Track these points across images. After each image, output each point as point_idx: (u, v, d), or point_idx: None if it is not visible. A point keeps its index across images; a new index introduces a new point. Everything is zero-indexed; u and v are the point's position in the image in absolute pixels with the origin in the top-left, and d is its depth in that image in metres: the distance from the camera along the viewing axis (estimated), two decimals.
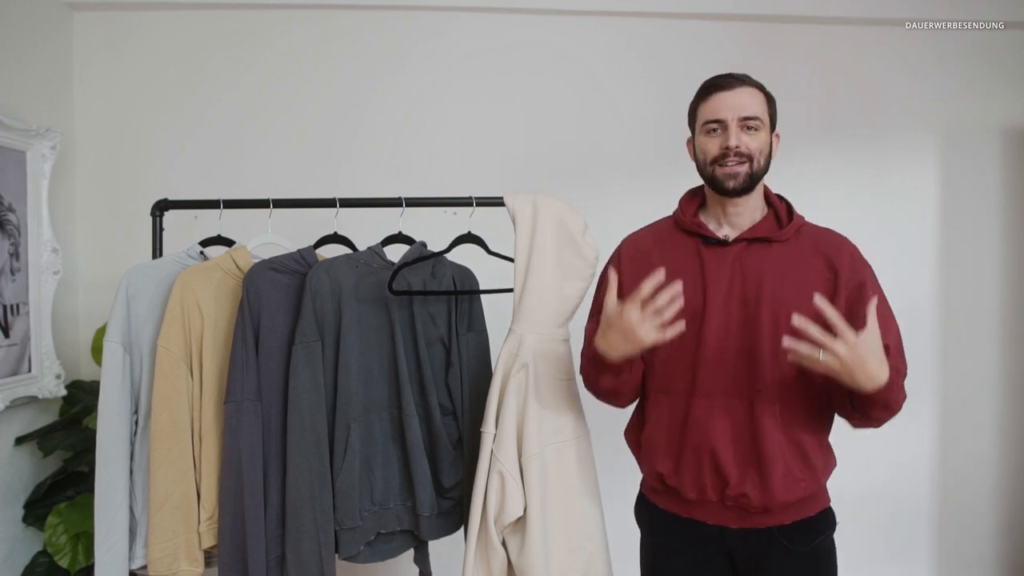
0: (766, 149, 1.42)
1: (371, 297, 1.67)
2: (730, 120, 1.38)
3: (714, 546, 1.45)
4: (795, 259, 1.41)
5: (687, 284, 1.41)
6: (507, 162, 2.55)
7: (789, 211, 1.47)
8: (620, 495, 1.70)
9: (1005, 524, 2.72)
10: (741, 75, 1.42)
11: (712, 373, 1.40)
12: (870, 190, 2.64)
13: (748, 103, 1.39)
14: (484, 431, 1.61)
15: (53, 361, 2.27)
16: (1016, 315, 2.70)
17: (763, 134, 1.41)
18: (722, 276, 1.41)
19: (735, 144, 1.38)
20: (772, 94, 1.45)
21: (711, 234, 1.44)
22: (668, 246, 1.49)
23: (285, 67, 2.52)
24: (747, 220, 1.45)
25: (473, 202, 1.76)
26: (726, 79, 1.41)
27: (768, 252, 1.42)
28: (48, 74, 2.36)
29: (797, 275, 1.39)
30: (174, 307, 1.60)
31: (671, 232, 1.52)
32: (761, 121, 1.40)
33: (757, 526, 1.41)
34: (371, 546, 1.69)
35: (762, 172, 1.42)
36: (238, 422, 1.57)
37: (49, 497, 2.18)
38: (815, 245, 1.43)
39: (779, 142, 1.47)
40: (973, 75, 2.66)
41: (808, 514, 1.43)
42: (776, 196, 1.50)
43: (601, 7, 2.55)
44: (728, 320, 1.39)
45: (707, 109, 1.42)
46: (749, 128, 1.39)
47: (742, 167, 1.39)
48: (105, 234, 2.48)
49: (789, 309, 1.35)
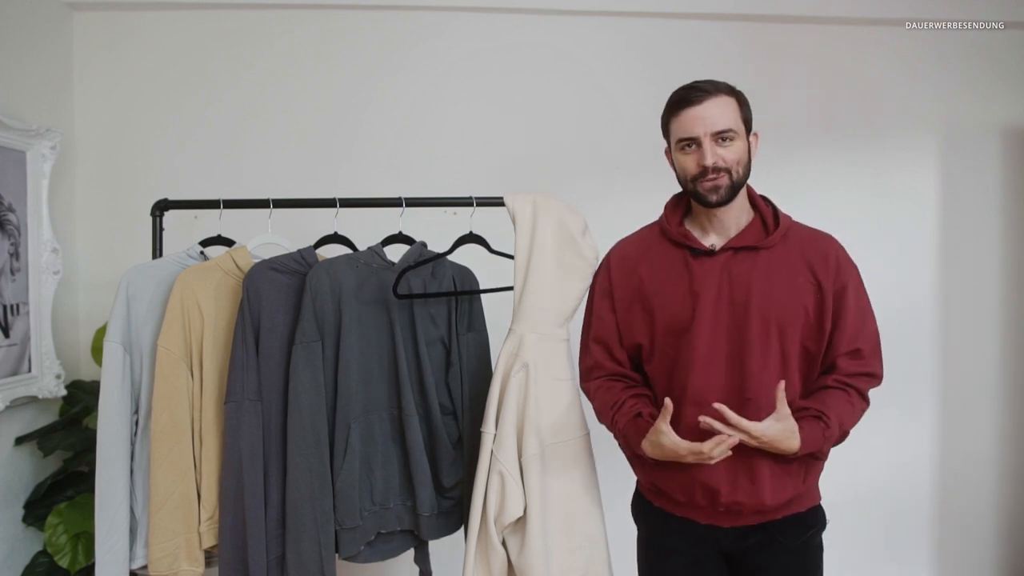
0: (744, 156, 1.41)
1: (371, 297, 1.67)
2: (703, 136, 1.37)
3: (709, 543, 1.47)
4: (782, 265, 1.41)
5: (675, 294, 1.43)
6: (507, 162, 2.55)
7: (775, 215, 1.47)
8: (620, 495, 1.70)
9: (1005, 524, 2.72)
10: (707, 84, 1.39)
11: (701, 383, 1.40)
12: (870, 190, 2.64)
13: (719, 117, 1.37)
14: (484, 431, 1.61)
15: (53, 361, 2.27)
16: (1016, 315, 2.69)
17: (738, 143, 1.40)
18: (710, 286, 1.41)
19: (711, 162, 1.37)
20: (743, 93, 1.43)
21: (698, 245, 1.45)
22: (655, 256, 1.50)
23: (285, 67, 2.52)
24: (733, 225, 1.45)
25: (473, 202, 1.76)
26: (694, 92, 1.39)
27: (755, 260, 1.42)
28: (48, 74, 2.36)
29: (784, 282, 1.40)
30: (174, 307, 1.60)
31: (657, 240, 1.52)
32: (735, 131, 1.38)
33: (748, 524, 1.44)
34: (371, 546, 1.69)
35: (743, 180, 1.42)
36: (238, 422, 1.57)
37: (49, 497, 2.18)
38: (802, 250, 1.43)
39: (758, 141, 1.46)
40: (973, 75, 2.65)
41: (798, 510, 1.45)
42: (761, 198, 1.50)
43: (601, 7, 2.55)
44: (717, 329, 1.40)
45: (679, 126, 1.41)
46: (724, 139, 1.38)
47: (723, 180, 1.38)
48: (105, 234, 2.48)
49: (778, 317, 1.38)
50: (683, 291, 1.43)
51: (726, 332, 1.39)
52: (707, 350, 1.40)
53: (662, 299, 1.45)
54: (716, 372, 1.40)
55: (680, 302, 1.42)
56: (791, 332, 1.39)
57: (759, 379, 1.38)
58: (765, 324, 1.38)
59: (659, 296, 1.46)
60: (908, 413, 2.66)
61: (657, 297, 1.46)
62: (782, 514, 1.43)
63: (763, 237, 1.43)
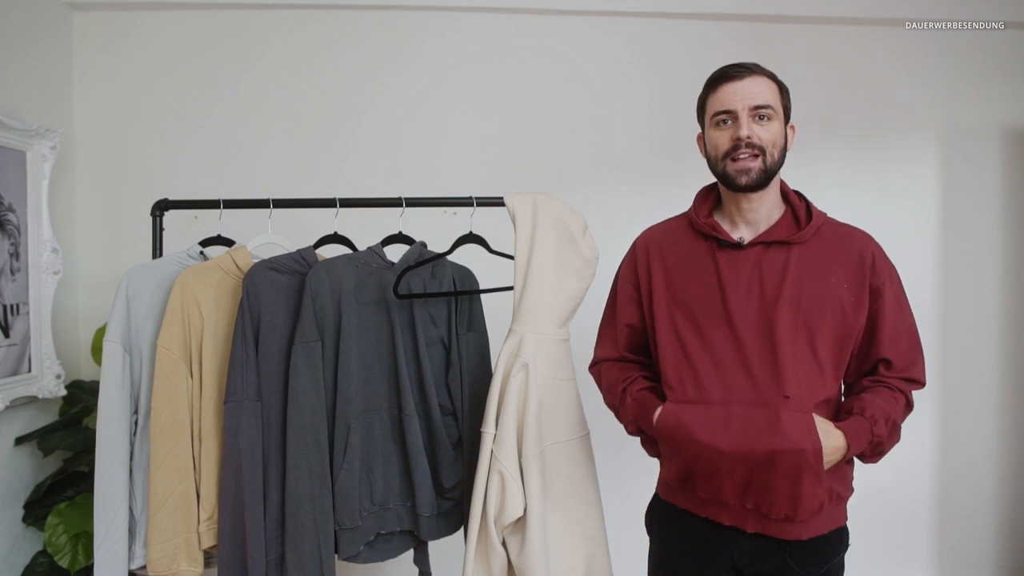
0: (780, 141, 1.35)
1: (371, 297, 1.67)
2: (740, 110, 1.32)
3: (724, 560, 1.39)
4: (816, 262, 1.35)
5: (702, 287, 1.37)
6: (507, 162, 2.55)
7: (808, 209, 1.40)
8: (620, 495, 1.70)
9: (1005, 525, 2.72)
10: (751, 64, 1.35)
11: (726, 381, 1.33)
12: (870, 190, 2.64)
13: (759, 91, 1.32)
14: (484, 431, 1.61)
15: (53, 361, 2.27)
16: (1016, 315, 2.69)
17: (776, 124, 1.34)
18: (740, 282, 1.35)
19: (746, 135, 1.31)
20: (785, 84, 1.39)
21: (726, 237, 1.38)
22: (682, 246, 1.44)
23: (285, 67, 2.52)
24: (764, 219, 1.39)
25: (473, 202, 1.76)
26: (735, 68, 1.34)
27: (788, 255, 1.35)
28: (48, 74, 2.36)
29: (818, 279, 1.33)
30: (174, 307, 1.60)
31: (685, 232, 1.46)
32: (773, 110, 1.33)
33: (772, 535, 1.34)
34: (371, 546, 1.69)
35: (776, 166, 1.35)
36: (238, 422, 1.57)
37: (49, 497, 2.18)
38: (836, 247, 1.36)
39: (795, 134, 1.40)
40: (973, 75, 2.66)
41: (823, 531, 1.36)
42: (795, 192, 1.43)
43: (602, 7, 2.55)
44: (745, 326, 1.33)
45: (715, 100, 1.36)
46: (761, 118, 1.32)
47: (755, 161, 1.32)
48: (105, 234, 2.48)
49: (808, 315, 1.31)
50: (711, 284, 1.37)
51: (755, 329, 1.32)
52: (734, 347, 1.33)
53: (688, 291, 1.39)
54: (742, 371, 1.32)
55: (707, 295, 1.37)
56: (824, 331, 1.32)
57: (795, 376, 1.29)
58: (795, 322, 1.31)
59: (685, 288, 1.40)
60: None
61: (683, 289, 1.40)
62: (808, 534, 1.33)
63: (795, 231, 1.36)
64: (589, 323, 1.70)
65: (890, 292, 1.36)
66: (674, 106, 2.56)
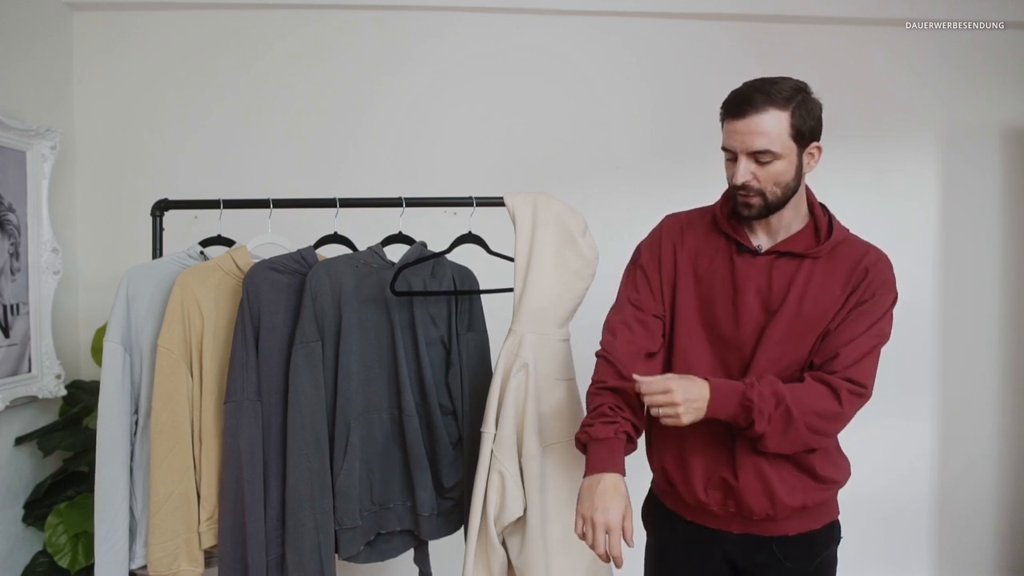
0: (786, 175, 1.31)
1: (371, 297, 1.67)
2: (740, 152, 1.31)
3: (716, 549, 1.44)
4: (822, 277, 1.36)
5: (719, 290, 1.41)
6: (507, 162, 2.55)
7: (829, 224, 1.40)
8: None
9: (1005, 525, 2.72)
10: (759, 97, 1.28)
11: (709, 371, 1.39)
12: (870, 190, 2.64)
13: (760, 133, 1.28)
14: (484, 431, 1.61)
15: (53, 361, 2.27)
16: (1016, 315, 2.69)
17: (778, 164, 1.30)
18: (749, 286, 1.38)
19: (741, 181, 1.31)
20: (810, 98, 1.33)
21: (746, 242, 1.40)
22: (704, 246, 1.45)
23: (285, 67, 2.52)
24: (782, 229, 1.39)
25: (473, 202, 1.76)
26: (740, 104, 1.30)
27: (798, 268, 1.36)
28: (48, 74, 2.36)
29: (818, 294, 1.35)
30: (174, 307, 1.60)
31: (708, 230, 1.47)
32: (772, 153, 1.29)
33: (759, 533, 1.39)
34: (371, 546, 1.69)
35: (780, 199, 1.34)
36: (238, 422, 1.57)
37: (49, 497, 2.18)
38: (847, 265, 1.36)
39: (821, 154, 1.36)
40: (973, 75, 2.66)
41: (812, 527, 1.40)
42: (820, 206, 1.42)
43: (602, 7, 2.55)
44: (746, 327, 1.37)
45: (724, 133, 1.35)
46: (759, 161, 1.30)
47: (755, 199, 1.33)
48: (105, 234, 2.48)
49: (802, 326, 1.34)
50: (727, 287, 1.40)
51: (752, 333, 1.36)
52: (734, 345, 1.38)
53: (709, 283, 1.42)
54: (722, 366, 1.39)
55: (723, 298, 1.40)
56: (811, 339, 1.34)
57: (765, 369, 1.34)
58: (788, 331, 1.34)
59: (706, 279, 1.43)
60: (908, 413, 2.66)
61: (706, 279, 1.43)
62: (795, 529, 1.38)
63: (812, 246, 1.37)
64: (589, 323, 1.70)
65: (871, 306, 1.34)
66: (674, 106, 2.56)
